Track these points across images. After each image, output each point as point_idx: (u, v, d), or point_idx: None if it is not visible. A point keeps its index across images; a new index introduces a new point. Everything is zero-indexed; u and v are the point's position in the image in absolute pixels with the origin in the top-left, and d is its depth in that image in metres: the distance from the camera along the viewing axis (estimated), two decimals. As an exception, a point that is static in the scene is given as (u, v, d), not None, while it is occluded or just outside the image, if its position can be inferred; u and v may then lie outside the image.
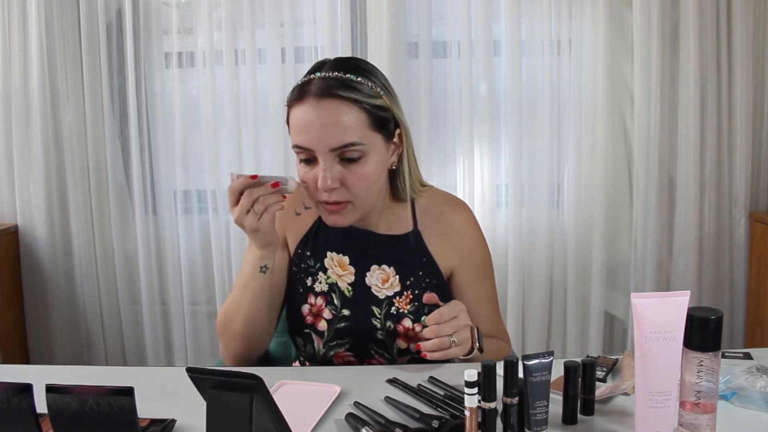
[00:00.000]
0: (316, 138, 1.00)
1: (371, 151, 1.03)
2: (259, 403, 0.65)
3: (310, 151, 1.01)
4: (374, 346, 1.12)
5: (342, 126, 0.99)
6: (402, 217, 1.16)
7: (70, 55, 2.34)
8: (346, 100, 1.00)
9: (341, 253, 1.15)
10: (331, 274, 1.14)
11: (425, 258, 1.14)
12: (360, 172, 1.02)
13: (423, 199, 1.17)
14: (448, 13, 2.31)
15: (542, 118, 2.30)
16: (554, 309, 2.41)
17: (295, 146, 1.03)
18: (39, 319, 2.45)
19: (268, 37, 2.32)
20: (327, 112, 1.00)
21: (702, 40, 2.20)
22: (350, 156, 1.01)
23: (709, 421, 0.76)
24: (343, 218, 1.06)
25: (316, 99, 1.00)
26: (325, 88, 1.00)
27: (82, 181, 2.40)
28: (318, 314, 1.14)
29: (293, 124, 1.04)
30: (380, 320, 1.11)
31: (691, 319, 0.76)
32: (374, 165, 1.04)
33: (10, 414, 0.68)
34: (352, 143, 1.00)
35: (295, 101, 1.03)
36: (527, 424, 0.80)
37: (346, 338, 1.12)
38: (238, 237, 2.40)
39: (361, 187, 1.03)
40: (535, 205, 2.35)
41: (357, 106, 1.01)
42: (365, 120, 1.02)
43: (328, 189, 1.01)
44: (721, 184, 2.29)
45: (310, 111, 1.00)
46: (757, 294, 2.26)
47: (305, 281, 1.15)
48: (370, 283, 1.13)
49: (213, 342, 2.52)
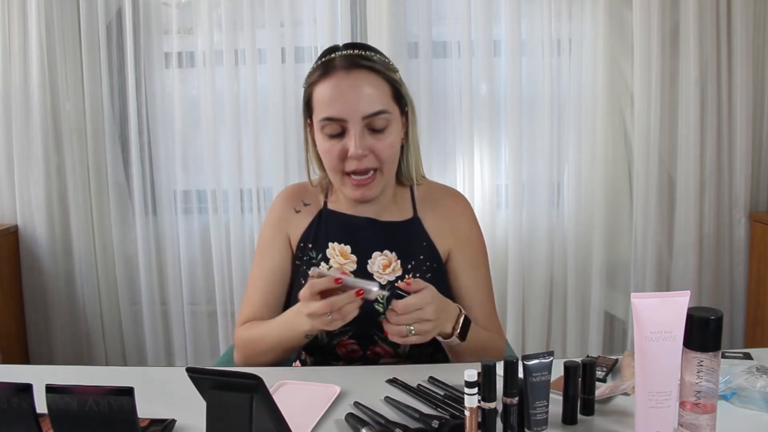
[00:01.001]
0: (350, 107, 1.04)
1: (393, 120, 1.09)
2: (259, 403, 0.65)
3: (341, 122, 1.05)
4: (377, 331, 1.13)
5: (372, 94, 1.06)
6: (402, 204, 1.20)
7: (70, 55, 2.34)
8: (372, 71, 1.07)
9: (343, 242, 1.17)
10: (333, 264, 1.16)
11: (425, 242, 1.17)
12: (387, 140, 1.08)
13: (421, 188, 1.22)
14: (448, 13, 2.31)
15: (542, 118, 2.30)
16: (554, 309, 2.41)
17: (326, 119, 1.06)
18: (39, 319, 2.45)
19: (268, 37, 2.32)
20: (358, 82, 1.05)
21: (702, 40, 2.20)
22: (377, 125, 1.06)
23: (709, 421, 0.76)
24: (371, 190, 1.09)
25: (345, 71, 1.06)
26: (351, 61, 1.07)
27: (82, 181, 2.40)
28: None
29: (321, 99, 1.07)
30: (383, 305, 1.13)
31: (691, 319, 0.76)
32: (396, 135, 1.10)
33: (10, 414, 0.68)
34: (382, 110, 1.06)
35: (320, 78, 1.08)
36: (527, 424, 0.80)
37: (350, 325, 1.10)
38: (238, 237, 2.40)
39: (389, 154, 1.08)
40: (535, 205, 2.35)
41: (381, 77, 1.08)
42: (388, 90, 1.08)
43: (359, 156, 1.05)
44: (721, 184, 2.29)
45: (340, 82, 1.05)
46: (757, 294, 2.26)
47: (308, 272, 1.16)
48: (372, 270, 1.15)
49: (213, 342, 2.52)
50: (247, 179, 2.39)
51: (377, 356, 1.15)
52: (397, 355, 1.15)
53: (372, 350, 1.14)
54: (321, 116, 1.07)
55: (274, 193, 2.37)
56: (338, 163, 1.08)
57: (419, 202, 1.20)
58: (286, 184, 2.36)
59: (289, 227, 1.21)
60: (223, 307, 2.43)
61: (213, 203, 2.40)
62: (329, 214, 1.20)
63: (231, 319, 2.45)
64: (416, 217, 1.19)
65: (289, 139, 2.35)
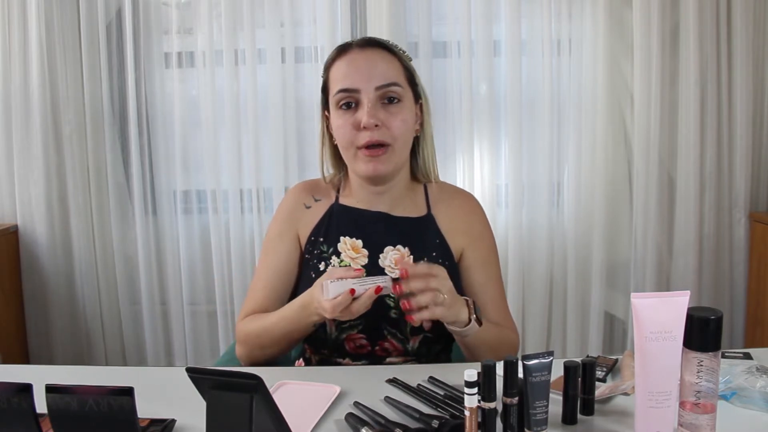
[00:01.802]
0: (363, 78, 1.09)
1: (406, 98, 1.13)
2: (259, 403, 0.65)
3: (355, 93, 1.09)
4: (387, 326, 1.13)
5: (386, 68, 1.11)
6: (416, 201, 1.22)
7: (70, 56, 2.34)
8: (387, 50, 1.13)
9: (354, 236, 1.17)
10: (344, 257, 1.16)
11: (438, 240, 1.18)
12: (400, 116, 1.10)
13: (435, 187, 1.24)
14: (448, 13, 2.31)
15: (542, 118, 2.30)
16: (554, 309, 2.41)
17: (341, 90, 1.10)
18: (39, 319, 2.45)
19: (268, 37, 2.32)
20: (372, 56, 1.11)
21: (702, 40, 2.20)
22: (391, 95, 1.10)
23: (709, 421, 0.76)
24: (382, 164, 1.10)
25: (360, 48, 1.12)
26: (366, 40, 1.14)
27: (82, 181, 2.40)
28: None
29: (336, 75, 1.12)
30: (393, 300, 1.12)
31: (691, 319, 0.76)
32: (409, 112, 1.13)
33: (10, 414, 0.68)
34: (395, 82, 1.10)
35: (336, 56, 1.14)
36: (527, 424, 0.80)
37: (359, 319, 1.11)
38: (238, 237, 2.40)
39: (401, 128, 1.11)
40: (535, 205, 2.35)
41: (396, 57, 1.14)
42: (402, 70, 1.13)
43: (371, 126, 1.07)
44: (721, 184, 2.29)
45: (355, 57, 1.11)
46: (757, 294, 2.26)
47: (318, 266, 1.17)
48: (383, 265, 1.16)
49: (213, 342, 2.52)
50: (247, 179, 2.39)
51: (385, 352, 1.15)
52: (405, 352, 1.14)
53: (381, 345, 1.14)
54: (338, 87, 1.10)
55: (274, 193, 2.37)
56: (351, 136, 1.09)
57: (433, 199, 1.22)
58: (286, 184, 2.37)
59: (298, 223, 1.21)
60: (223, 307, 2.43)
61: (213, 203, 2.40)
62: (341, 209, 1.20)
63: (231, 318, 2.45)
64: (430, 214, 1.20)
65: (289, 139, 2.35)
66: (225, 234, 2.41)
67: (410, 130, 1.14)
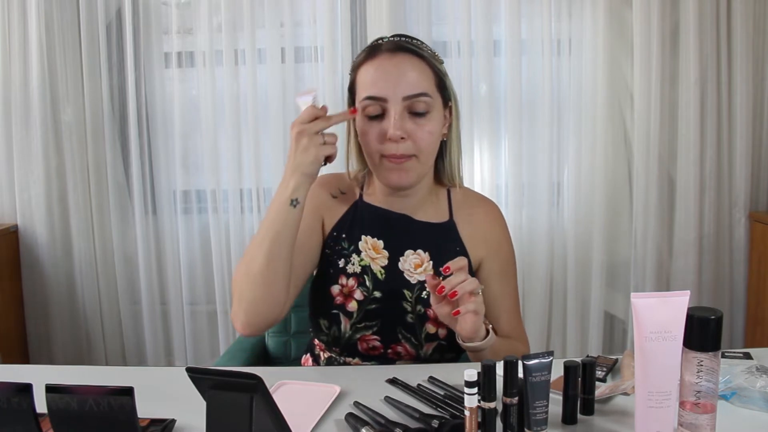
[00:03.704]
0: (391, 86, 1.05)
1: (435, 108, 1.08)
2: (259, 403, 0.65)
3: (382, 102, 1.05)
4: (402, 329, 1.12)
5: (415, 77, 1.06)
6: (439, 206, 1.20)
7: (70, 55, 2.34)
8: (416, 56, 1.08)
9: (376, 237, 1.16)
10: (364, 257, 1.15)
11: (459, 247, 1.17)
12: (427, 127, 1.07)
13: (458, 193, 1.22)
14: (448, 13, 2.31)
15: (542, 118, 2.30)
16: (554, 309, 2.41)
17: (368, 98, 1.06)
18: (39, 319, 2.45)
19: (268, 37, 2.32)
20: (401, 63, 1.06)
21: (702, 40, 2.20)
22: (418, 109, 1.06)
23: (709, 421, 0.76)
24: (407, 174, 1.08)
25: (390, 53, 1.07)
26: (397, 44, 1.08)
27: (82, 181, 2.40)
28: (349, 295, 1.13)
29: (364, 80, 1.08)
30: (411, 304, 1.12)
31: (691, 319, 0.76)
32: (437, 123, 1.09)
33: (10, 414, 0.68)
34: (423, 92, 1.06)
35: (365, 60, 1.09)
36: (527, 424, 0.80)
37: (375, 320, 1.12)
38: (238, 237, 2.40)
39: (428, 141, 1.07)
40: (535, 205, 2.35)
41: (425, 63, 1.08)
42: (432, 77, 1.09)
43: (397, 138, 1.04)
44: (721, 184, 2.29)
45: (384, 63, 1.07)
46: (757, 294, 2.26)
47: (337, 262, 1.15)
48: (403, 268, 1.14)
49: (213, 342, 2.52)
50: (247, 179, 2.39)
51: (397, 356, 1.14)
52: (417, 357, 1.14)
53: (393, 349, 1.13)
54: (365, 94, 1.07)
55: (273, 192, 2.37)
56: (376, 146, 1.06)
57: (455, 206, 1.20)
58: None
59: (325, 211, 1.18)
60: (223, 306, 2.43)
61: (213, 203, 2.40)
62: (365, 206, 1.18)
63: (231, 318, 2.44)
64: (452, 221, 1.18)
65: (289, 139, 2.34)
66: (225, 234, 2.41)
67: (437, 140, 1.11)
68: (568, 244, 2.36)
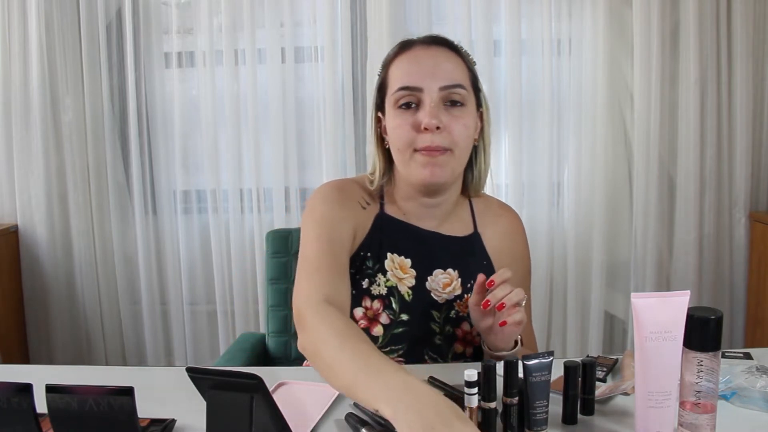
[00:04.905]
0: (427, 76, 1.01)
1: (470, 103, 1.05)
2: (259, 403, 0.65)
3: (417, 92, 1.01)
4: (430, 351, 1.08)
5: (451, 68, 1.03)
6: (463, 218, 1.16)
7: (70, 56, 2.34)
8: (452, 49, 1.06)
9: (403, 255, 1.09)
10: (390, 277, 1.07)
11: (485, 261, 1.14)
12: (462, 119, 1.03)
13: (480, 202, 1.18)
14: (448, 13, 2.31)
15: (542, 118, 2.30)
16: (554, 309, 2.40)
17: (402, 89, 1.02)
18: (39, 319, 2.45)
19: (268, 37, 2.32)
20: (438, 54, 1.04)
21: (702, 40, 2.20)
22: (454, 99, 1.02)
23: (709, 421, 0.76)
24: (441, 169, 1.02)
25: (426, 45, 1.06)
26: (432, 38, 1.07)
27: (82, 181, 2.40)
28: (374, 318, 1.07)
29: (398, 71, 1.05)
30: (439, 325, 1.08)
31: (691, 319, 0.76)
32: (472, 119, 1.05)
33: (10, 414, 0.68)
34: (459, 84, 1.03)
35: (397, 53, 1.07)
36: (527, 424, 0.80)
37: (401, 344, 1.07)
38: (238, 237, 2.40)
39: (463, 135, 1.03)
40: (535, 205, 2.35)
41: (461, 58, 1.07)
42: (467, 72, 1.06)
43: (432, 128, 0.99)
44: (721, 184, 2.29)
45: (420, 54, 1.04)
46: (757, 294, 2.26)
47: (361, 283, 1.07)
48: (431, 288, 1.09)
49: (213, 342, 2.52)
50: (247, 179, 2.39)
51: None
52: None
53: None
54: (396, 86, 1.03)
55: (273, 192, 2.37)
56: (410, 138, 1.01)
57: (479, 216, 1.16)
58: (286, 184, 2.36)
59: (356, 219, 1.08)
60: (222, 306, 2.43)
61: (213, 203, 2.40)
62: (388, 221, 1.10)
63: (231, 318, 2.44)
64: (476, 233, 1.14)
65: (289, 139, 2.35)
66: (225, 234, 2.41)
67: (471, 137, 1.06)
68: (568, 244, 2.36)
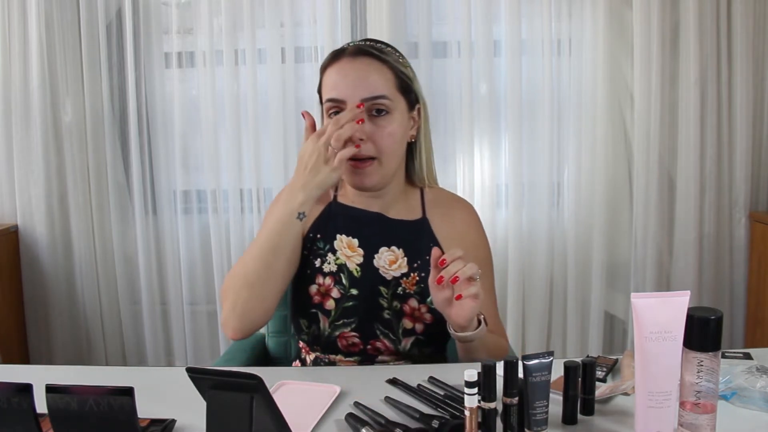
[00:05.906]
0: (349, 89, 1.08)
1: (396, 110, 1.11)
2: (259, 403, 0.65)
3: (342, 104, 1.09)
4: (380, 326, 1.14)
5: (373, 79, 1.09)
6: (412, 204, 1.21)
7: (70, 56, 2.34)
8: (377, 59, 1.11)
9: (351, 235, 1.17)
10: (340, 256, 1.16)
11: (432, 243, 1.17)
12: (387, 128, 1.10)
13: (431, 193, 1.23)
14: (448, 13, 2.31)
15: (542, 118, 2.30)
16: (554, 309, 2.41)
17: (329, 100, 1.10)
18: (39, 319, 2.45)
19: (268, 37, 2.32)
20: (360, 67, 1.10)
21: (702, 40, 2.20)
22: (379, 108, 1.09)
23: (709, 421, 0.76)
24: (368, 177, 1.11)
25: (352, 57, 1.11)
26: (359, 48, 1.12)
27: (82, 181, 2.40)
28: (326, 294, 1.15)
29: (327, 82, 1.12)
30: (387, 300, 1.13)
31: (691, 319, 0.76)
32: (398, 125, 1.11)
33: (10, 414, 0.68)
34: (381, 95, 1.09)
35: (330, 62, 1.13)
36: (527, 424, 0.80)
37: (353, 317, 1.13)
38: (238, 237, 2.40)
39: (387, 143, 1.10)
40: (535, 205, 2.35)
41: (387, 66, 1.11)
42: (393, 80, 1.11)
43: (356, 140, 1.06)
44: (721, 184, 2.29)
45: (345, 66, 1.10)
46: (757, 294, 2.26)
47: (314, 262, 1.17)
48: (378, 265, 1.16)
49: (213, 342, 2.52)
50: (247, 179, 2.39)
51: (377, 351, 1.15)
52: (396, 352, 1.15)
53: (372, 345, 1.14)
54: (327, 96, 1.11)
55: (274, 192, 2.37)
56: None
57: (428, 204, 1.22)
58: (286, 184, 2.36)
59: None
60: (223, 307, 2.43)
61: (213, 203, 2.40)
62: (338, 207, 1.20)
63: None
64: (425, 218, 1.20)
65: (289, 139, 2.35)
66: (225, 234, 2.41)
67: (399, 141, 1.13)
68: (568, 244, 2.36)
